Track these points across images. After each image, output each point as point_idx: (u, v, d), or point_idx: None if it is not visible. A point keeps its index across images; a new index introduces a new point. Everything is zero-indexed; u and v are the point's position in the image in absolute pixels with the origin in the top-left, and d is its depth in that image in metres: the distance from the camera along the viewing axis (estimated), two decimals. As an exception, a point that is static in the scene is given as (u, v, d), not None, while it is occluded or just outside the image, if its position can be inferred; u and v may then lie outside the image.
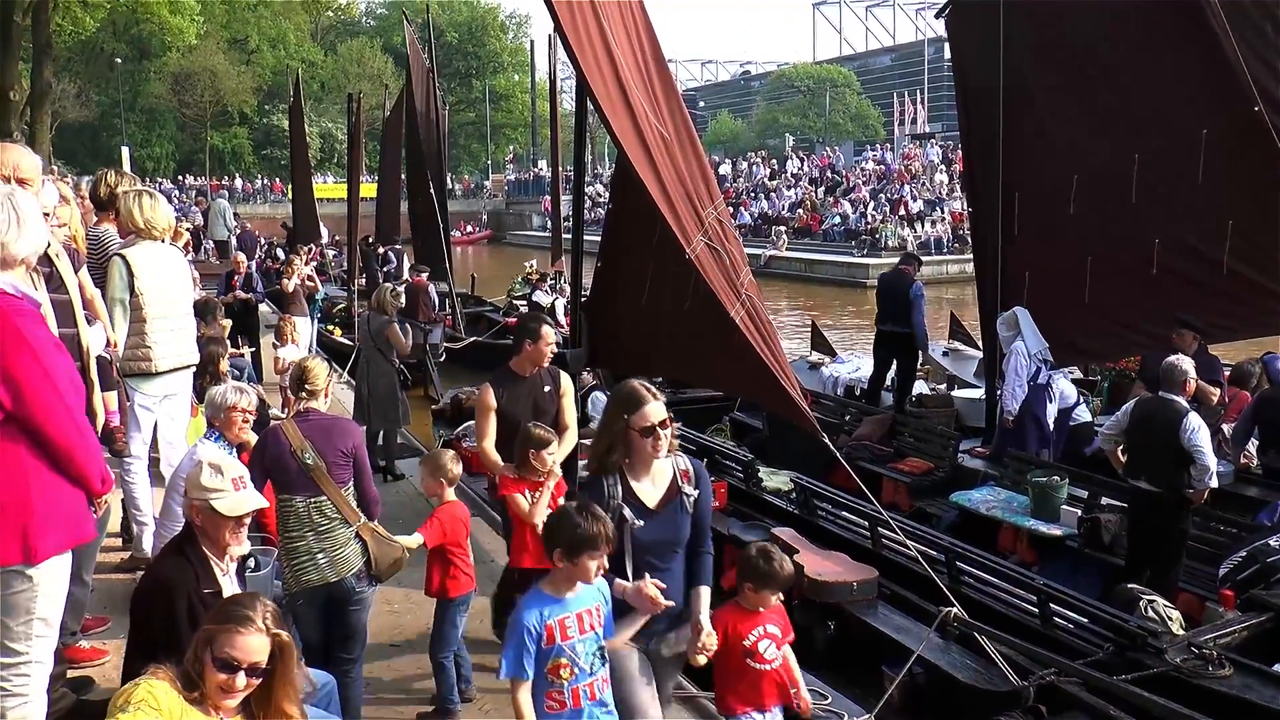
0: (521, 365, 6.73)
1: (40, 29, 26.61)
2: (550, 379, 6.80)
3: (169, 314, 6.76)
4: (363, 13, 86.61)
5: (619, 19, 9.12)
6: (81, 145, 68.50)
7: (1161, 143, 9.54)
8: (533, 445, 6.01)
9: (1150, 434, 7.80)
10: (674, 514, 4.45)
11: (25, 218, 3.77)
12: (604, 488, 4.34)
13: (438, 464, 6.08)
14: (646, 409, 4.33)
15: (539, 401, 6.67)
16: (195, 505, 4.24)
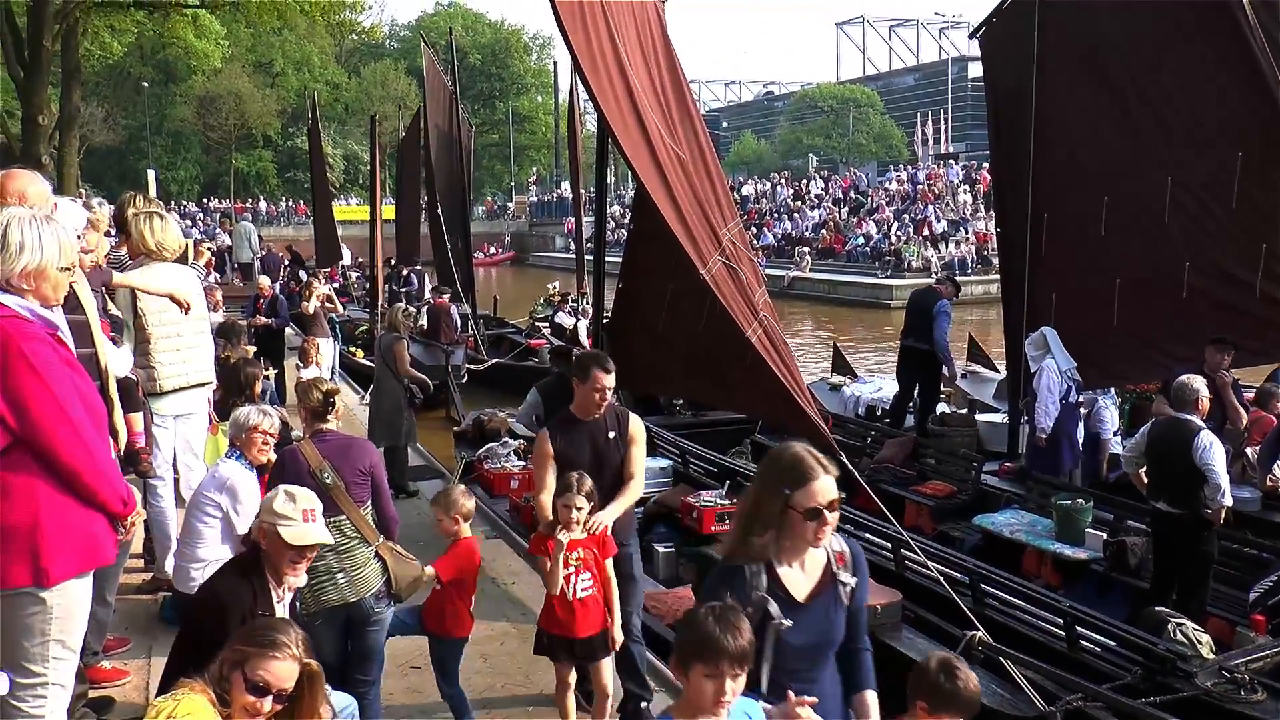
0: (580, 408, 6.09)
1: (69, 54, 26.87)
2: (615, 423, 6.14)
3: (173, 334, 6.77)
4: (387, 35, 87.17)
5: (636, 42, 9.15)
6: (108, 169, 69.06)
7: (1196, 165, 9.49)
8: (560, 499, 5.50)
9: (1166, 454, 7.73)
10: (827, 608, 3.58)
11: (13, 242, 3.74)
12: (746, 578, 3.44)
13: (450, 500, 5.87)
14: (815, 485, 3.45)
15: (600, 449, 6.03)
16: (263, 528, 4.33)
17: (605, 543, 5.59)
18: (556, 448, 5.92)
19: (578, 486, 5.42)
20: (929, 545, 8.30)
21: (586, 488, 5.44)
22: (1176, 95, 9.63)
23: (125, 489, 4.04)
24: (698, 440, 12.06)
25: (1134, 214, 9.99)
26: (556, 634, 5.52)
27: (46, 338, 3.75)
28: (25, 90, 23.44)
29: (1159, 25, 9.73)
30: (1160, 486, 7.80)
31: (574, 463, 5.75)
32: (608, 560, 5.62)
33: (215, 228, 42.46)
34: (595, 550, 5.52)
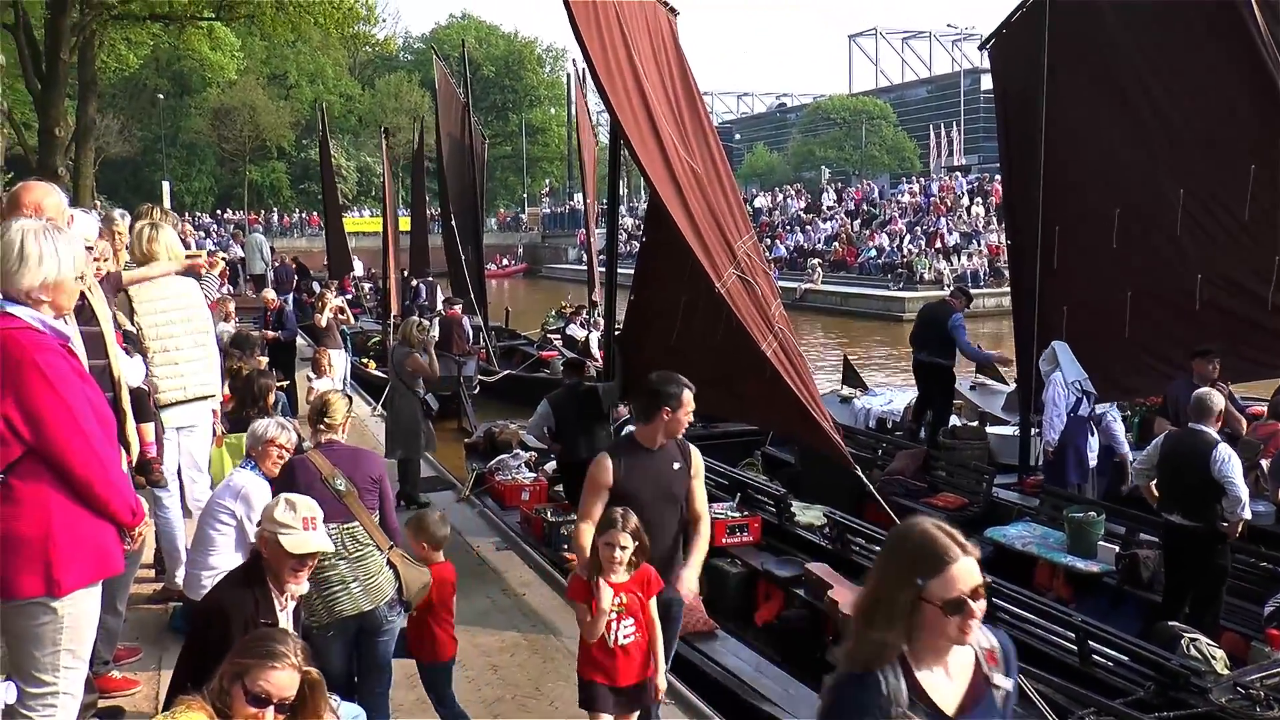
0: (650, 436, 5.50)
1: (86, 67, 27.05)
2: (680, 454, 5.59)
3: (171, 347, 6.78)
4: (400, 48, 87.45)
5: (650, 54, 9.19)
6: (123, 180, 69.32)
7: (1208, 177, 9.48)
8: (602, 536, 4.91)
9: (1181, 467, 7.66)
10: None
11: (31, 255, 3.77)
12: (881, 687, 2.64)
13: (421, 526, 5.68)
14: (954, 570, 2.70)
15: (666, 482, 5.50)
16: (264, 536, 4.33)
17: (649, 583, 5.04)
18: (617, 477, 5.37)
19: (622, 523, 4.84)
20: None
21: (632, 525, 4.85)
22: (1188, 107, 9.63)
23: (135, 499, 4.07)
24: (708, 452, 11.92)
25: (1145, 226, 9.97)
26: (600, 682, 4.98)
27: (59, 349, 3.78)
28: (42, 103, 23.58)
29: (1169, 36, 9.73)
30: (1174, 499, 7.73)
31: (634, 496, 5.25)
32: (652, 600, 5.09)
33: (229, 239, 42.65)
34: (639, 593, 4.98)
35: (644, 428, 5.56)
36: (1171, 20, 9.71)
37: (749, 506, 9.90)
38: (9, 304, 3.75)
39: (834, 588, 7.84)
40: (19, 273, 3.74)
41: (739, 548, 9.24)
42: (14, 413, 3.63)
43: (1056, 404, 10.14)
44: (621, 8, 8.91)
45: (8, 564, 3.69)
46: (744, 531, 9.35)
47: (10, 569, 3.69)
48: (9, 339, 3.66)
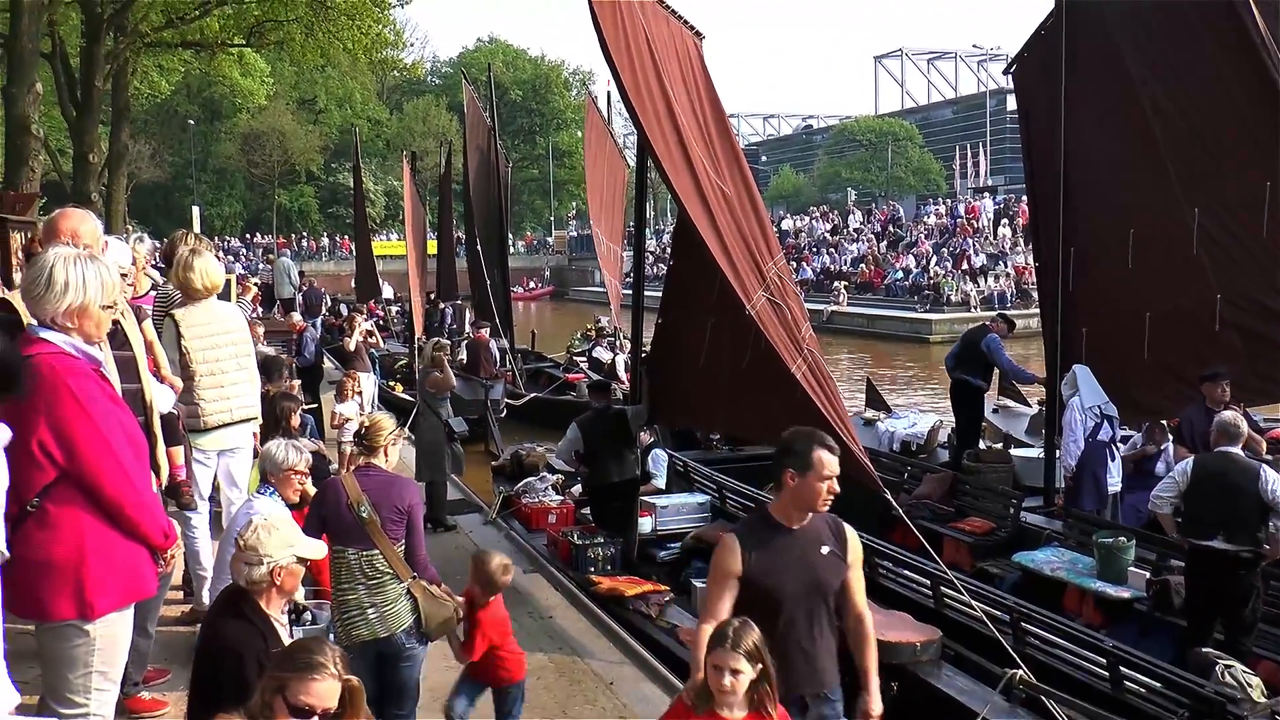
0: (785, 510, 4.42)
1: (119, 93, 27.43)
2: (831, 534, 4.49)
3: (216, 371, 6.84)
4: (428, 72, 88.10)
5: (679, 77, 9.25)
6: (154, 205, 70.05)
7: (1225, 195, 9.44)
8: (710, 655, 3.93)
9: (1224, 491, 7.51)
10: None
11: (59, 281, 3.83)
12: None
13: (484, 571, 5.68)
14: None
15: (813, 569, 4.39)
16: (280, 568, 4.18)
17: None
18: (749, 566, 4.30)
19: (735, 640, 3.85)
20: (969, 583, 8.22)
21: (749, 643, 3.85)
22: (1203, 126, 9.61)
23: (166, 522, 4.11)
24: (735, 475, 12.04)
25: (1163, 245, 9.92)
26: None
27: (92, 373, 3.84)
28: (77, 129, 23.90)
29: (1184, 57, 9.71)
30: (1216, 524, 7.53)
31: (770, 589, 4.27)
32: None
33: (259, 263, 43.01)
34: None
35: (775, 500, 4.53)
36: (1186, 41, 9.70)
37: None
38: (42, 329, 3.81)
39: (861, 611, 7.79)
40: (44, 298, 3.81)
41: None
42: (48, 437, 3.68)
43: (1073, 429, 10.09)
44: (651, 32, 8.98)
45: (41, 587, 3.74)
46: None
47: (44, 592, 3.74)
48: (42, 364, 3.71)
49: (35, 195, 14.80)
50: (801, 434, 4.52)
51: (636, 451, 10.18)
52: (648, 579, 9.18)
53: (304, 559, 4.28)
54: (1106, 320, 10.52)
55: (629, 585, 8.78)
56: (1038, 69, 11.09)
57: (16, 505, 3.73)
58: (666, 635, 8.06)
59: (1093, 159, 10.56)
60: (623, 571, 9.29)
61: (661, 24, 9.39)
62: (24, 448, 3.70)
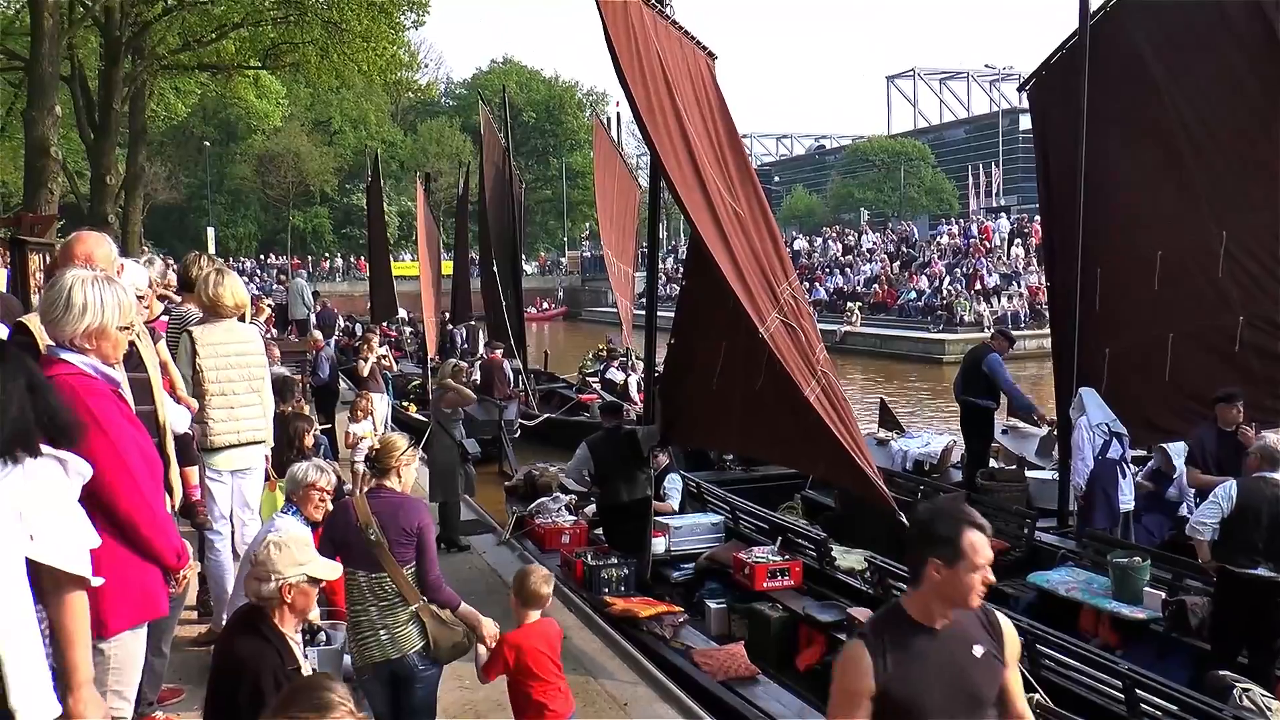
0: (926, 607, 3.52)
1: (136, 116, 27.67)
2: (985, 629, 3.66)
3: (227, 391, 6.88)
4: (442, 93, 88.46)
5: (692, 97, 9.28)
6: (170, 226, 70.46)
7: (1250, 218, 9.42)
8: None
9: (1273, 517, 7.43)
10: None
11: (76, 303, 3.87)
12: None
13: (521, 584, 5.65)
14: None
15: (965, 677, 3.50)
16: (291, 585, 4.22)
17: None
18: (884, 679, 3.38)
19: None
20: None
21: None
22: (1229, 148, 9.59)
23: (180, 543, 4.13)
24: (748, 496, 12.03)
25: (1187, 267, 9.91)
26: None
27: (109, 393, 3.88)
28: (94, 152, 24.11)
29: (1210, 77, 9.70)
30: (1259, 552, 7.46)
31: (912, 706, 3.37)
32: None
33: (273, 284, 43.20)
34: None
35: (910, 594, 3.58)
36: (1212, 62, 9.69)
37: (789, 550, 9.87)
38: (62, 350, 3.85)
39: (876, 633, 7.76)
40: (63, 320, 3.86)
41: (780, 592, 9.20)
42: None
43: (1081, 448, 10.08)
44: (664, 53, 9.02)
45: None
46: (785, 575, 9.31)
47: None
48: (62, 384, 3.75)
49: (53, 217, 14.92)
50: (944, 513, 3.61)
51: (648, 472, 10.18)
52: (662, 600, 9.18)
53: (316, 579, 4.29)
54: (1130, 341, 10.48)
55: (643, 606, 8.78)
56: (1058, 88, 11.07)
57: None
58: (681, 656, 8.05)
59: (1119, 179, 10.53)
60: (637, 592, 9.29)
61: (675, 45, 9.43)
62: None
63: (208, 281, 6.93)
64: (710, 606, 9.36)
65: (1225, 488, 7.82)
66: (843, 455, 7.79)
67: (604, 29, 8.49)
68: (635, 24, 8.80)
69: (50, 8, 17.75)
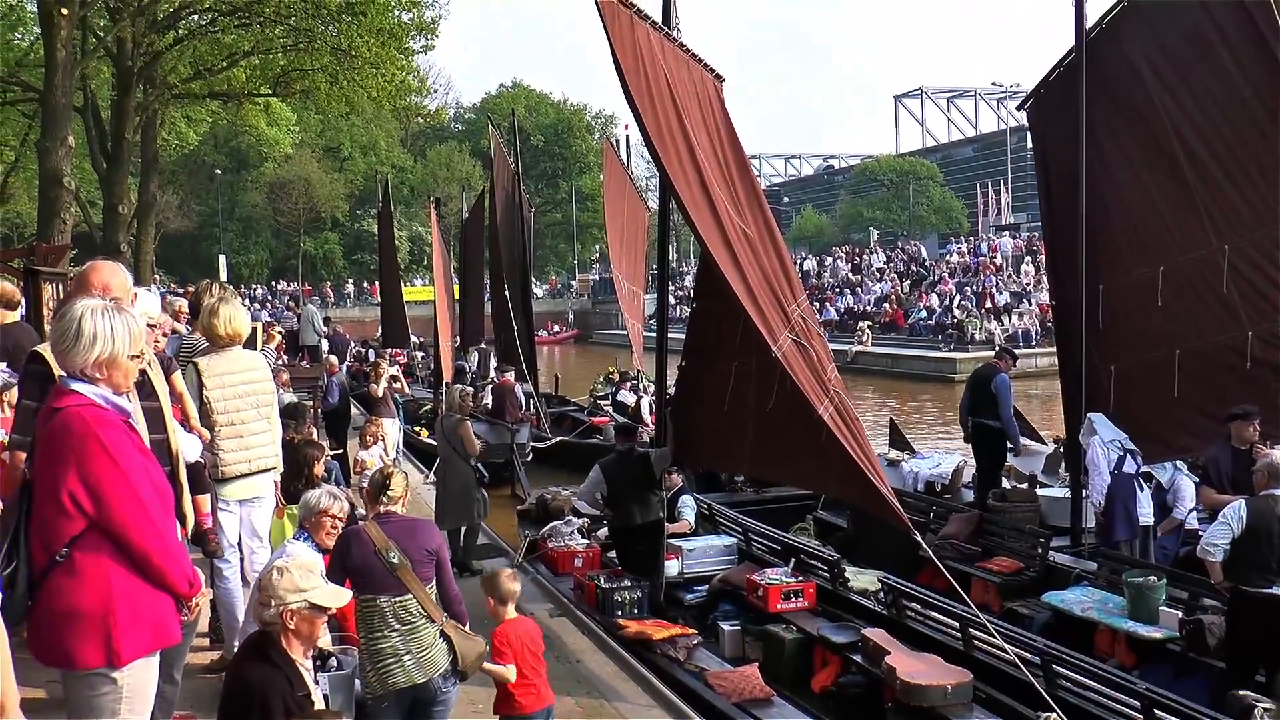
0: None
1: (148, 145, 27.88)
2: None
3: (237, 420, 6.87)
4: (451, 118, 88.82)
5: (700, 120, 9.31)
6: (181, 254, 70.78)
7: (1255, 232, 9.38)
8: None
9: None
10: None
11: (86, 333, 3.89)
12: None
13: (492, 582, 6.01)
14: None
15: None
16: (291, 611, 4.28)
17: None
18: None
19: None
20: (999, 624, 8.14)
21: None
22: (1231, 162, 9.56)
23: (192, 571, 4.14)
24: (760, 517, 12.01)
25: (1192, 283, 9.89)
26: None
27: (120, 424, 3.90)
28: (107, 181, 24.27)
29: (1207, 91, 9.70)
30: (1272, 570, 7.43)
31: None
32: None
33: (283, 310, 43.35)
34: None
35: None
36: (1209, 76, 9.69)
37: (803, 571, 9.84)
38: (73, 381, 3.87)
39: (891, 654, 7.75)
40: (73, 350, 3.87)
41: (794, 613, 9.17)
42: (78, 487, 3.73)
43: (1097, 464, 10.06)
44: (672, 76, 9.06)
45: (69, 636, 3.77)
46: (799, 597, 9.28)
47: (71, 641, 3.77)
48: (73, 415, 3.77)
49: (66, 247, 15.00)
50: None
51: (661, 494, 10.17)
52: (675, 622, 9.16)
53: (318, 606, 4.30)
54: (1135, 358, 10.46)
55: (656, 629, 8.75)
56: (1056, 105, 11.10)
57: (45, 555, 3.79)
58: (694, 679, 8.02)
59: (1119, 196, 10.54)
60: (650, 615, 9.26)
61: (683, 68, 9.47)
62: (54, 499, 3.76)
63: (205, 309, 6.96)
64: (724, 628, 9.34)
65: (1235, 508, 7.76)
66: (857, 475, 7.77)
67: (612, 52, 8.54)
68: (643, 47, 8.84)
69: (64, 40, 17.91)
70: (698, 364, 9.97)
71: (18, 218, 42.85)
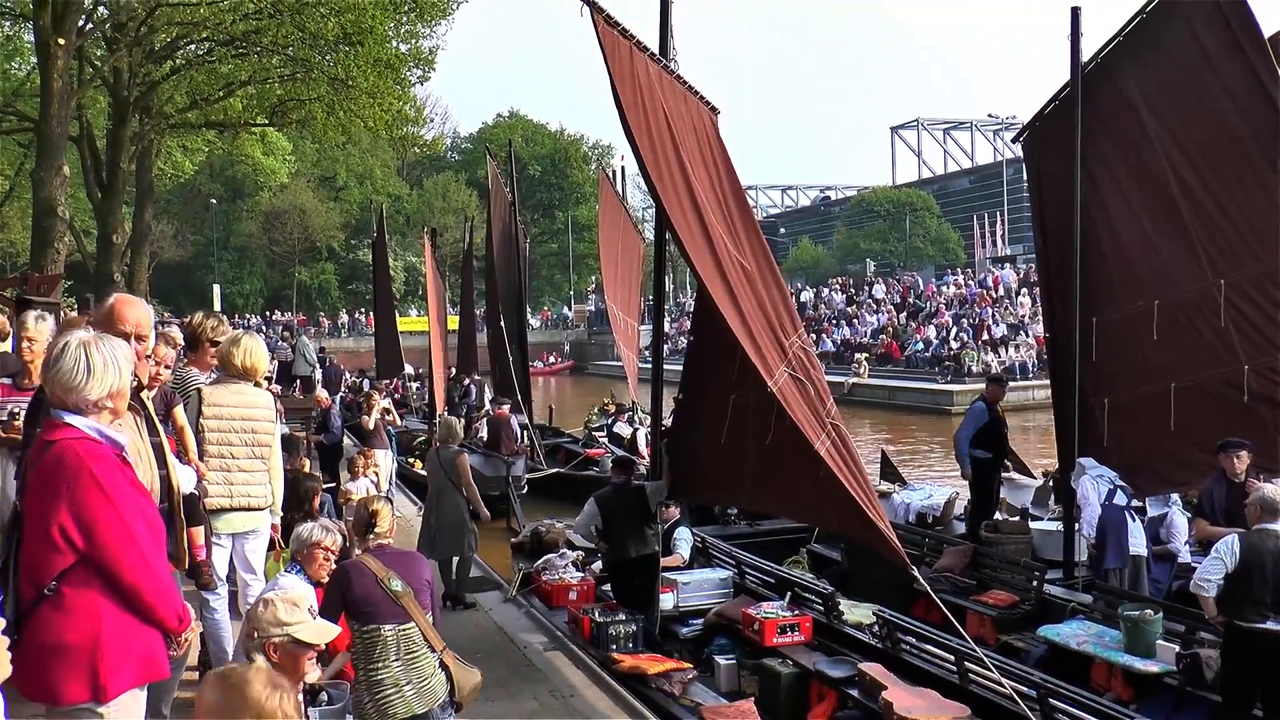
0: None
1: (144, 174, 27.91)
2: None
3: (225, 454, 6.84)
4: (448, 148, 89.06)
5: (697, 151, 9.33)
6: (176, 284, 70.79)
7: (1249, 267, 9.42)
8: None
9: (1278, 570, 7.37)
10: None
11: (97, 366, 3.89)
12: None
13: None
14: None
15: None
16: (274, 644, 4.27)
17: None
18: None
19: None
20: (995, 658, 8.10)
21: None
22: (1224, 196, 9.61)
23: (182, 606, 4.11)
24: (753, 550, 11.98)
25: (1188, 317, 9.92)
26: None
27: (114, 458, 3.88)
28: (102, 210, 24.25)
29: (1201, 126, 9.76)
30: (1267, 605, 7.37)
31: None
32: None
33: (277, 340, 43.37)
34: None
35: None
36: (1203, 111, 9.76)
37: (798, 605, 9.79)
38: (67, 414, 3.85)
39: (888, 688, 7.69)
40: (88, 385, 3.87)
41: (790, 647, 9.12)
42: (68, 521, 3.71)
43: (1087, 497, 10.13)
44: (669, 108, 9.09)
45: (55, 671, 3.74)
46: (795, 631, 9.24)
47: (57, 676, 3.74)
48: (67, 448, 3.76)
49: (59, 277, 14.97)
50: None
51: (656, 527, 10.13)
52: (670, 656, 9.10)
53: (300, 641, 4.27)
54: (1129, 392, 10.48)
55: (651, 663, 8.70)
56: (1052, 139, 11.15)
57: (33, 589, 3.75)
58: (690, 714, 7.97)
59: (1114, 229, 10.58)
60: (645, 649, 9.21)
61: (679, 100, 9.51)
62: (44, 532, 3.73)
63: (229, 338, 6.98)
64: (720, 663, 9.28)
65: (1227, 542, 7.70)
66: (855, 509, 7.74)
67: (611, 84, 8.57)
68: (641, 79, 8.88)
69: (60, 70, 17.95)
70: (695, 396, 9.95)
71: (11, 246, 42.91)
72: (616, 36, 8.69)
